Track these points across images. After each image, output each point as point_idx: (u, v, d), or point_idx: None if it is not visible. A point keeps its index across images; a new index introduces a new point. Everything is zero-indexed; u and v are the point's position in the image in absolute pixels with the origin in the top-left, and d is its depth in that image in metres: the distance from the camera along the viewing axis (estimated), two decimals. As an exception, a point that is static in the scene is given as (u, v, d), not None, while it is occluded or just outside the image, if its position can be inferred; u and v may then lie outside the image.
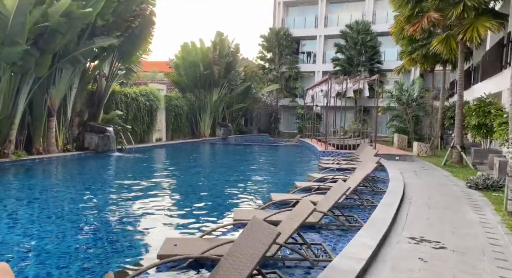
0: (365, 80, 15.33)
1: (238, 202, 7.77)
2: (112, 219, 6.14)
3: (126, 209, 6.79)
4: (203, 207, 7.29)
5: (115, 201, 7.40)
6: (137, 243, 5.14)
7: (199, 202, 7.66)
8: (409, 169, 11.97)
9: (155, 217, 6.33)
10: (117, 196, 7.85)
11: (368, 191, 8.66)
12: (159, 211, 6.65)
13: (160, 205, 7.15)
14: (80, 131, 14.48)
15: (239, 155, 18.51)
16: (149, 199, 7.56)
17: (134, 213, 6.54)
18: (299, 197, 6.94)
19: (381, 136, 28.15)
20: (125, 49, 14.02)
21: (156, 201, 7.43)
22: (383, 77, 30.67)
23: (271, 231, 3.36)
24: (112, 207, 6.90)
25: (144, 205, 7.01)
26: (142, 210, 6.67)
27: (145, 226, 5.83)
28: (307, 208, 4.50)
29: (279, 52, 32.90)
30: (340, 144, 15.79)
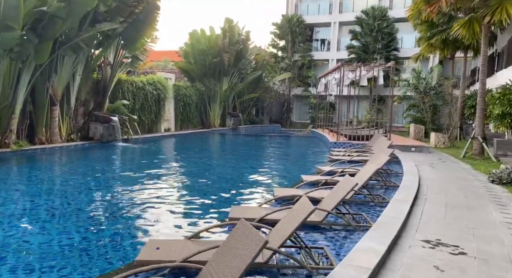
0: (380, 67, 14.52)
1: (240, 197, 7.30)
2: (103, 214, 5.76)
3: (120, 202, 6.40)
4: (201, 202, 6.84)
5: (111, 193, 7.04)
6: (125, 240, 4.72)
7: (200, 196, 7.22)
8: (426, 162, 11.27)
9: (149, 211, 5.92)
10: (115, 188, 7.49)
11: (379, 185, 8.06)
12: (154, 205, 6.23)
13: (155, 200, 6.74)
14: (85, 121, 14.20)
15: (247, 146, 18.01)
16: (146, 191, 7.16)
17: (127, 207, 6.14)
18: (303, 192, 6.40)
19: (397, 126, 27.27)
20: (129, 35, 13.56)
21: (151, 194, 7.02)
22: (399, 65, 29.61)
23: (258, 239, 2.89)
24: (106, 199, 6.52)
25: (139, 197, 6.61)
26: (136, 204, 6.27)
27: (137, 222, 5.42)
28: (306, 208, 3.98)
29: (291, 39, 32.00)
30: (353, 134, 15.10)
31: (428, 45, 18.65)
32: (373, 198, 6.63)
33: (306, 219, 3.82)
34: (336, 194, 5.26)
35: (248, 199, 7.06)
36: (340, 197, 5.09)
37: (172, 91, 20.88)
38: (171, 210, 6.17)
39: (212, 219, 5.77)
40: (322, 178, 7.91)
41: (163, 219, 5.61)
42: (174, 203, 6.68)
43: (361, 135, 15.02)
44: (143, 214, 5.79)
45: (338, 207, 5.52)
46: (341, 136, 15.62)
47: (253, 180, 9.02)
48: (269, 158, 13.17)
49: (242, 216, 4.54)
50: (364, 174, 6.68)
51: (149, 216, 5.74)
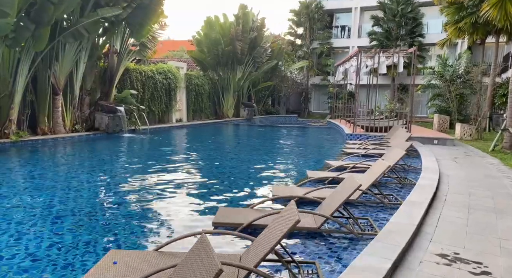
0: (401, 53, 13.42)
1: (243, 194, 6.66)
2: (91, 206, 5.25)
3: (107, 195, 5.89)
4: (203, 202, 6.24)
5: (106, 185, 6.54)
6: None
7: (202, 195, 6.62)
8: (449, 155, 10.29)
9: (140, 207, 5.36)
10: (110, 180, 7.00)
11: (393, 183, 7.24)
12: (147, 202, 5.68)
13: (147, 196, 6.18)
14: (92, 111, 13.86)
15: (258, 137, 17.25)
16: (140, 182, 6.63)
17: (115, 201, 5.62)
18: (303, 191, 5.69)
19: (421, 117, 25.95)
20: (135, 21, 13.02)
21: (147, 189, 6.48)
22: (424, 52, 28.04)
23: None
24: (99, 192, 6.03)
25: (131, 189, 6.08)
26: (126, 198, 5.74)
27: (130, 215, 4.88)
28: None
29: (310, 26, 30.85)
30: (370, 125, 14.14)
31: (456, 29, 17.31)
32: (383, 199, 5.83)
33: (291, 230, 3.11)
34: (336, 198, 4.52)
35: (240, 198, 6.41)
36: (339, 201, 4.35)
37: (184, 80, 20.37)
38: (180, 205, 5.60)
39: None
40: (329, 175, 7.15)
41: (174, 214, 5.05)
42: (167, 203, 6.12)
43: (379, 127, 14.04)
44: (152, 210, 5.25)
45: (340, 210, 4.80)
46: (358, 128, 14.70)
47: (253, 178, 8.35)
48: (276, 151, 12.41)
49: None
50: (374, 172, 5.88)
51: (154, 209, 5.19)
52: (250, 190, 6.91)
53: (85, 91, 13.62)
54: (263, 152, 11.82)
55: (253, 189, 7.02)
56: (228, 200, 6.14)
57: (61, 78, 11.88)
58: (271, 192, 6.21)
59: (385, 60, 13.86)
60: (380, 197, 5.95)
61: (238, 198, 6.27)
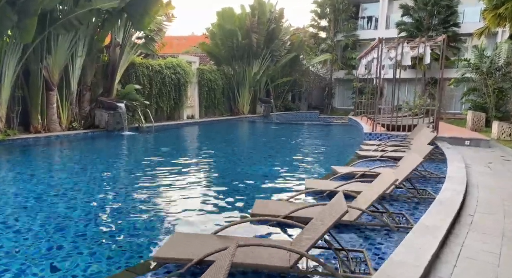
0: (427, 43, 11.85)
1: (240, 198, 5.61)
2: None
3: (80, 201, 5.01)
4: (200, 210, 5.25)
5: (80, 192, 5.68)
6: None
7: (207, 202, 5.64)
8: (482, 160, 8.77)
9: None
10: (87, 187, 6.15)
11: (407, 197, 5.94)
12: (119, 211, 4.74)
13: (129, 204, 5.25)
14: (92, 107, 13.21)
15: (269, 136, 15.97)
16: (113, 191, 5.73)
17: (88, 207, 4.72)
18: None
19: (455, 113, 23.93)
20: (135, 12, 12.16)
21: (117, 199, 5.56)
22: (460, 43, 25.80)
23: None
24: (71, 198, 5.17)
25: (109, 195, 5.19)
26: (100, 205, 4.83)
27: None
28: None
29: (334, 18, 29.19)
30: (392, 123, 12.66)
31: (495, 16, 15.35)
32: (388, 221, 4.59)
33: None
34: (316, 230, 3.43)
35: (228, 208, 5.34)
36: (318, 234, 3.21)
37: (196, 75, 19.49)
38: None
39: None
40: (328, 186, 5.97)
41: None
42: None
43: (402, 125, 12.54)
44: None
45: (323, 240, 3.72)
46: (378, 126, 13.27)
47: (248, 185, 7.25)
48: (285, 153, 11.17)
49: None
50: (374, 189, 4.67)
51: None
52: (250, 199, 5.83)
53: (85, 86, 12.96)
54: (260, 155, 10.65)
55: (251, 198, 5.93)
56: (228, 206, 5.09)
57: (55, 73, 11.22)
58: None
59: (410, 51, 12.32)
60: (385, 215, 4.74)
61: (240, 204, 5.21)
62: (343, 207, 3.34)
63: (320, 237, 3.10)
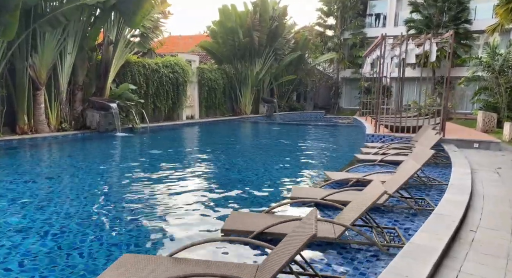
0: (433, 39, 11.14)
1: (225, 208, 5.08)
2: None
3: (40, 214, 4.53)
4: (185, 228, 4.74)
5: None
6: None
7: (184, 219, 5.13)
8: (490, 165, 8.08)
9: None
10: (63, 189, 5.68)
11: (404, 208, 5.32)
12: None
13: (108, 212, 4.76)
14: (85, 107, 12.81)
15: (267, 138, 15.26)
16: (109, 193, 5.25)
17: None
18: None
19: (466, 113, 23.04)
20: (126, 9, 11.72)
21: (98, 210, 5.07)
22: (471, 40, 24.83)
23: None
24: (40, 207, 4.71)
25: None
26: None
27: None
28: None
29: (341, 15, 28.45)
30: (395, 125, 11.97)
31: (508, 11, 14.59)
32: (376, 239, 4.00)
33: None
34: (282, 256, 2.91)
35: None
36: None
37: (196, 75, 19.01)
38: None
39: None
40: (314, 196, 5.38)
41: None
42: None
43: (406, 126, 11.85)
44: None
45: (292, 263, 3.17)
46: (381, 127, 12.60)
47: (231, 196, 6.71)
48: (281, 156, 10.56)
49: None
50: (361, 205, 4.07)
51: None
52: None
53: (77, 86, 12.57)
54: (252, 159, 10.08)
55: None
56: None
57: (42, 72, 10.83)
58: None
59: (414, 48, 11.61)
60: (376, 233, 4.14)
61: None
62: (312, 229, 2.77)
63: (284, 265, 2.69)
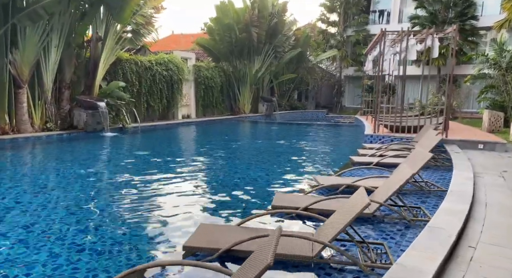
0: (436, 35, 10.52)
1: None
2: None
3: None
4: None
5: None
6: None
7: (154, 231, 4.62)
8: (495, 167, 7.47)
9: None
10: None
11: (396, 218, 4.76)
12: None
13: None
14: (72, 106, 12.36)
15: (263, 138, 14.58)
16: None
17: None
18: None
19: (472, 112, 22.33)
20: (114, 3, 11.23)
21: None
22: (478, 37, 24.05)
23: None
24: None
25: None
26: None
27: None
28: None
29: (344, 12, 27.79)
30: (395, 124, 11.37)
31: (516, 5, 13.94)
32: (359, 258, 3.44)
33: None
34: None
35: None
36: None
37: (192, 72, 18.51)
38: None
39: None
40: (296, 204, 4.84)
41: None
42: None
43: (407, 126, 11.24)
44: None
45: None
46: (381, 127, 12.01)
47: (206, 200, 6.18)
48: (264, 159, 9.94)
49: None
50: (342, 219, 3.53)
51: None
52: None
53: (64, 84, 12.11)
54: (241, 162, 9.52)
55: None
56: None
57: (24, 69, 10.38)
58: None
59: (415, 44, 11.00)
60: (361, 250, 3.59)
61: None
62: (267, 258, 2.18)
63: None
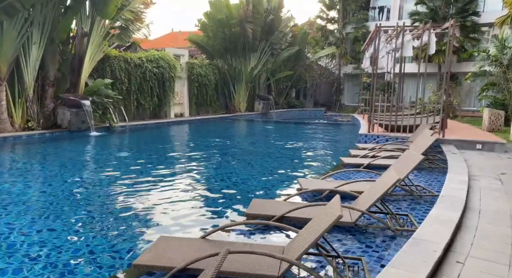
0: (432, 30, 10.04)
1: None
2: None
3: None
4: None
5: None
6: None
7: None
8: (493, 169, 7.01)
9: None
10: None
11: (380, 228, 4.31)
12: None
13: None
14: (57, 105, 11.97)
15: (255, 138, 13.99)
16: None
17: None
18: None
19: (473, 110, 21.79)
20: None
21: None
22: (480, 34, 23.49)
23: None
24: None
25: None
26: None
27: None
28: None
29: (343, 8, 27.27)
30: (391, 124, 10.89)
31: (518, 0, 13.40)
32: (335, 275, 2.99)
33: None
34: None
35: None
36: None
37: (185, 70, 18.08)
38: None
39: None
40: (273, 212, 4.41)
41: None
42: None
43: (403, 126, 10.76)
44: None
45: None
46: (376, 126, 11.54)
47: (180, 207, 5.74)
48: (250, 162, 9.47)
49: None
50: (312, 233, 3.09)
51: None
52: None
53: (47, 81, 11.72)
54: (221, 160, 9.08)
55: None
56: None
57: (1, 65, 9.99)
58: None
59: (411, 40, 10.53)
60: (334, 264, 3.14)
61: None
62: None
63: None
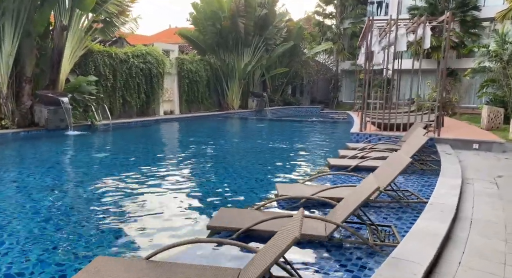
0: (427, 24, 9.49)
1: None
2: None
3: None
4: None
5: None
6: None
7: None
8: (489, 170, 6.48)
9: None
10: None
11: (357, 243, 3.79)
12: None
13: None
14: (34, 102, 11.44)
15: (244, 137, 13.34)
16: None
17: None
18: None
19: (473, 107, 21.22)
20: (75, -11, 10.32)
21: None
22: (480, 29, 22.86)
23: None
24: None
25: None
26: None
27: None
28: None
29: (341, 3, 26.67)
30: (383, 122, 10.35)
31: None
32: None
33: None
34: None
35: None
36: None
37: (175, 66, 17.53)
38: None
39: None
40: (238, 224, 3.89)
41: None
42: None
43: (397, 124, 10.22)
44: None
45: None
46: (368, 124, 11.00)
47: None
48: (236, 162, 8.96)
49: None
50: (272, 252, 2.56)
51: None
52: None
53: (24, 78, 11.19)
54: (201, 161, 8.55)
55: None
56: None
57: (-28, 61, 9.50)
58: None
59: (405, 34, 9.97)
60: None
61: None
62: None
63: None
